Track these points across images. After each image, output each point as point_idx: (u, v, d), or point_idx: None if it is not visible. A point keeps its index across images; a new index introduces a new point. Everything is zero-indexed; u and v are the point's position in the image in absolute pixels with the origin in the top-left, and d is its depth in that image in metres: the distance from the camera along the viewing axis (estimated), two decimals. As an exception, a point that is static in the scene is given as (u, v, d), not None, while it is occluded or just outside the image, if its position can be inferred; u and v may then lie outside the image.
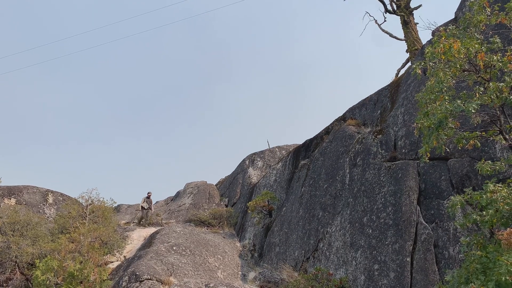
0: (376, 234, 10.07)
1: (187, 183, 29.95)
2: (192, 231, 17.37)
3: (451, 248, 8.09)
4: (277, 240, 16.04)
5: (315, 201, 14.08)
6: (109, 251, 14.46)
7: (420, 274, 8.34)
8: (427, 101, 6.34)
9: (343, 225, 11.72)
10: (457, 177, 8.73)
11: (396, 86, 13.41)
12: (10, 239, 13.01)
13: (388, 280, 8.97)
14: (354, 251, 10.68)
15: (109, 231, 14.37)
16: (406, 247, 8.92)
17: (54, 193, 22.11)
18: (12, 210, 14.52)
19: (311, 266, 12.35)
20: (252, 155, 27.74)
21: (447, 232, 8.38)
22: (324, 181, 14.02)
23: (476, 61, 5.95)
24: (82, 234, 12.25)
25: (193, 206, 25.75)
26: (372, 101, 14.55)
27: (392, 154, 11.10)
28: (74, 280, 10.28)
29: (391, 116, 12.10)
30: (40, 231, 14.09)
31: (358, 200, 11.46)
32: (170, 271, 12.14)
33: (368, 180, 11.42)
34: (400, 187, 9.94)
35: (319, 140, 17.20)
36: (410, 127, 10.70)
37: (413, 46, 17.40)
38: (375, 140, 12.04)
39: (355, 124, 14.51)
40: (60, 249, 11.50)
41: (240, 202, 24.11)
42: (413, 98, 11.27)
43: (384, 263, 9.31)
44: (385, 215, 10.02)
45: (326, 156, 14.87)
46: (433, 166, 9.44)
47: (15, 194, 20.64)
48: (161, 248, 14.10)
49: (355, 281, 10.12)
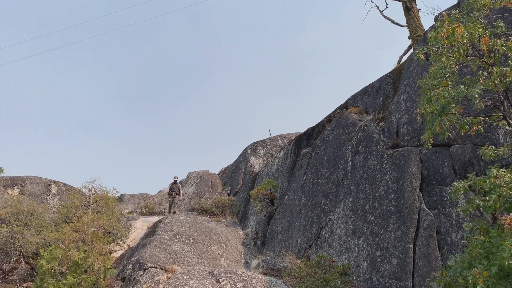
0: (378, 221, 10.09)
1: (189, 173, 30.06)
2: (195, 220, 17.45)
3: (454, 234, 8.10)
4: (279, 228, 16.10)
5: (317, 189, 14.09)
6: (112, 240, 14.56)
7: (422, 260, 8.37)
8: (430, 87, 6.29)
9: (346, 212, 11.74)
10: (459, 164, 8.70)
11: (398, 73, 13.32)
12: (14, 229, 13.07)
13: (391, 266, 9.01)
14: (357, 238, 10.72)
15: (112, 220, 14.44)
16: (408, 234, 8.93)
17: (57, 183, 22.18)
18: (15, 200, 14.58)
19: (314, 254, 12.41)
20: (254, 144, 27.75)
21: (449, 218, 8.38)
22: (326, 169, 14.03)
23: (479, 46, 5.89)
24: (85, 224, 12.31)
25: (196, 195, 25.85)
26: (374, 88, 14.47)
27: (395, 141, 11.06)
28: (78, 269, 10.35)
29: (394, 103, 12.05)
30: (44, 221, 14.15)
31: (361, 188, 11.46)
32: (174, 259, 12.22)
33: (370, 167, 11.41)
34: (402, 174, 9.93)
35: (321, 128, 17.16)
36: (413, 114, 10.65)
37: (415, 32, 17.22)
38: (378, 127, 12.00)
39: (357, 111, 14.44)
40: (64, 239, 11.57)
41: (243, 191, 24.18)
42: (415, 84, 11.20)
43: (387, 250, 9.34)
44: (388, 202, 10.02)
45: (328, 144, 14.85)
46: (436, 153, 9.41)
47: (18, 184, 20.71)
48: (164, 236, 14.17)
49: (358, 267, 10.17)
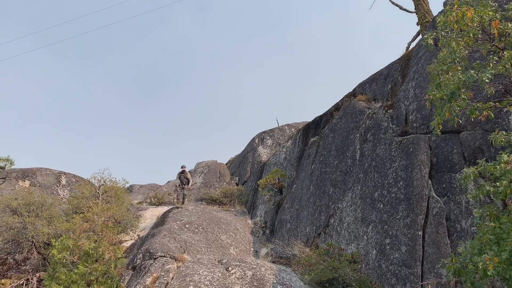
0: (387, 209, 10.06)
1: (197, 163, 30.15)
2: (204, 209, 17.56)
3: (463, 221, 8.06)
4: (288, 216, 16.14)
5: (326, 177, 14.07)
6: (122, 230, 14.71)
7: (432, 247, 8.34)
8: (439, 73, 6.20)
9: (354, 200, 11.72)
10: (469, 150, 8.62)
11: (406, 59, 13.16)
12: (26, 220, 13.25)
13: (400, 253, 9.00)
14: (366, 226, 10.70)
15: (122, 210, 14.57)
16: (417, 221, 8.90)
17: (67, 174, 22.42)
18: (26, 191, 14.75)
19: (323, 242, 12.43)
20: (261, 134, 27.72)
21: (459, 205, 8.33)
22: (335, 157, 13.98)
23: (490, 30, 5.78)
24: (95, 214, 12.42)
25: (204, 185, 25.96)
26: (382, 76, 14.33)
27: (403, 128, 10.97)
28: (89, 258, 10.46)
29: (402, 90, 11.93)
30: (54, 211, 14.32)
31: (369, 176, 11.42)
32: (183, 248, 12.32)
33: (379, 155, 11.35)
34: (411, 161, 9.86)
35: (329, 117, 17.07)
36: (422, 100, 10.54)
37: (424, 18, 16.99)
38: (386, 115, 11.91)
39: (365, 99, 14.33)
40: (75, 229, 11.68)
41: (251, 181, 24.23)
42: (424, 71, 11.07)
43: (396, 237, 9.32)
44: (396, 189, 9.98)
45: (336, 133, 14.78)
46: (445, 140, 9.33)
47: (29, 176, 20.97)
48: (174, 226, 14.28)
49: (367, 255, 10.17)
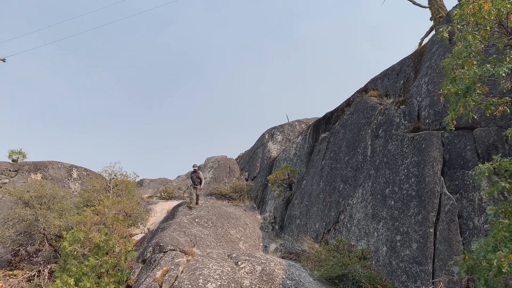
0: (398, 206, 9.97)
1: (207, 158, 30.22)
2: (213, 204, 17.58)
3: (476, 219, 7.94)
4: (297, 212, 16.09)
5: (336, 173, 13.99)
6: (133, 223, 14.81)
7: (443, 245, 8.25)
8: (454, 67, 6.10)
9: (365, 197, 11.64)
10: (483, 147, 8.48)
11: (419, 55, 12.99)
12: (38, 212, 13.40)
13: (411, 250, 8.92)
14: (376, 222, 10.63)
15: (132, 204, 14.66)
16: (429, 218, 8.81)
17: (78, 168, 22.63)
18: (38, 184, 14.91)
19: (332, 238, 12.38)
20: (271, 129, 27.67)
21: (472, 202, 8.21)
22: (345, 153, 13.89)
23: (507, 23, 5.66)
24: (106, 207, 12.51)
25: (214, 180, 26.02)
26: (394, 71, 14.17)
27: (416, 124, 10.84)
28: (100, 251, 10.56)
29: (415, 86, 11.79)
30: (66, 204, 14.47)
31: (380, 172, 11.32)
32: (193, 242, 12.35)
33: (390, 151, 11.24)
34: (423, 158, 9.75)
35: (339, 113, 16.95)
36: (434, 96, 10.41)
37: (438, 13, 16.74)
38: (398, 110, 11.78)
39: (377, 95, 14.19)
40: (86, 221, 11.80)
41: (260, 176, 24.21)
42: (437, 67, 10.91)
43: (407, 234, 9.24)
44: (408, 186, 9.88)
45: (347, 129, 14.68)
46: (458, 136, 9.19)
47: (41, 169, 21.21)
48: (183, 220, 14.33)
49: (377, 252, 10.10)
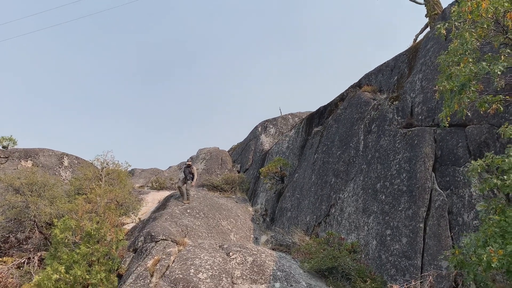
0: (389, 200, 10.07)
1: (199, 149, 30.18)
2: (205, 195, 17.61)
3: (466, 215, 8.06)
4: (289, 205, 16.19)
5: (328, 167, 14.08)
6: (124, 213, 14.79)
7: (433, 240, 8.37)
8: (449, 64, 6.15)
9: (356, 191, 11.74)
10: (474, 144, 8.58)
11: (414, 51, 13.06)
12: (29, 199, 13.31)
13: (400, 245, 9.03)
14: (367, 216, 10.74)
15: (124, 193, 14.63)
16: (419, 213, 8.92)
17: (69, 156, 22.48)
18: (29, 171, 14.80)
19: (323, 231, 12.48)
20: (264, 122, 27.68)
21: (462, 198, 8.33)
22: (338, 148, 13.97)
23: (504, 22, 5.72)
24: (98, 195, 12.48)
25: (206, 171, 26.02)
26: (389, 67, 14.24)
27: (409, 120, 10.93)
28: (91, 239, 10.54)
29: (409, 82, 11.86)
30: (57, 192, 14.39)
31: (372, 167, 11.42)
32: (185, 233, 12.39)
33: (382, 146, 11.33)
34: (415, 153, 9.85)
35: (333, 107, 17.01)
36: (428, 93, 10.49)
37: (433, 10, 16.84)
38: (391, 106, 11.86)
39: (371, 90, 14.26)
40: (77, 210, 11.76)
41: (252, 169, 24.26)
42: (431, 63, 10.99)
43: (397, 229, 9.35)
44: (399, 181, 9.98)
45: (340, 123, 14.75)
46: (450, 133, 9.29)
47: (32, 156, 21.03)
48: (175, 210, 14.34)
49: (367, 245, 10.22)
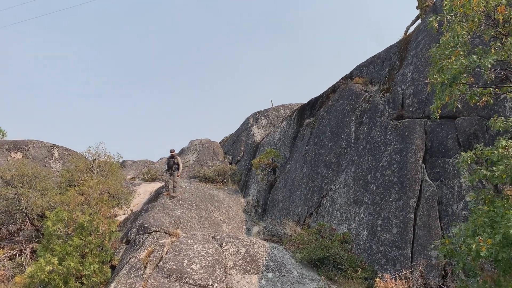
0: (380, 191, 10.21)
1: (191, 141, 30.13)
2: (197, 187, 17.64)
3: (455, 205, 8.22)
4: (280, 196, 16.30)
5: (320, 159, 14.18)
6: (117, 204, 14.76)
7: (423, 230, 8.52)
8: (440, 57, 6.23)
9: (347, 182, 11.86)
10: (464, 136, 8.72)
11: (405, 43, 13.14)
12: (20, 191, 13.21)
13: (391, 235, 9.18)
14: (358, 207, 10.87)
15: (116, 184, 14.60)
16: (410, 204, 9.06)
17: (60, 147, 22.30)
18: (20, 163, 14.67)
19: (314, 222, 12.61)
20: (256, 114, 27.70)
21: (451, 189, 8.47)
22: (329, 139, 14.07)
23: (495, 15, 5.80)
24: (90, 187, 12.44)
25: (198, 163, 26.02)
26: (380, 59, 14.32)
27: (399, 112, 11.05)
28: (84, 231, 10.52)
29: (400, 74, 11.96)
30: (48, 184, 14.29)
31: (363, 158, 11.53)
32: (177, 224, 12.43)
33: (374, 138, 11.44)
34: (406, 145, 9.98)
35: (324, 99, 17.09)
36: (419, 85, 10.59)
37: (424, 2, 16.90)
38: (383, 98, 11.96)
39: (362, 82, 14.35)
40: (70, 201, 11.72)
41: (244, 160, 24.32)
42: (422, 55, 11.08)
43: (388, 219, 9.50)
44: (390, 172, 10.11)
45: (331, 115, 14.83)
46: (441, 125, 9.42)
47: (21, 148, 20.83)
48: (167, 202, 14.36)
49: (358, 236, 10.36)
